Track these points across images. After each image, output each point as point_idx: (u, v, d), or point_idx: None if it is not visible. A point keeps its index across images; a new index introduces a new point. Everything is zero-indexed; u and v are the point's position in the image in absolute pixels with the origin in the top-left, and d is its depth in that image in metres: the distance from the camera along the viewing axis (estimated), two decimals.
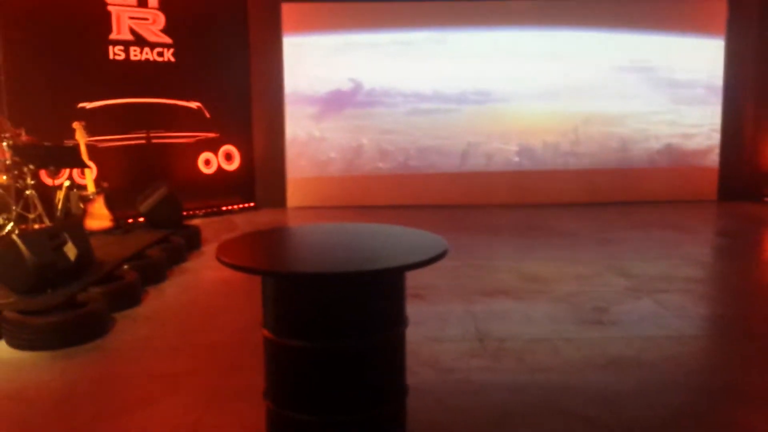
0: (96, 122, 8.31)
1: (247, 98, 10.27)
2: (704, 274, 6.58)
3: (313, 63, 10.40)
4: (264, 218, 9.69)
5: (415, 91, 10.53)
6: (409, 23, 10.41)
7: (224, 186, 10.11)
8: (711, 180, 10.65)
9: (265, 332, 2.82)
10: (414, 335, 3.66)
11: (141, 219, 7.97)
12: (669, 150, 10.65)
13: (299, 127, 10.49)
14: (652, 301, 5.44)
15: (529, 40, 10.46)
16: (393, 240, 3.16)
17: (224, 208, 10.08)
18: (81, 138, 7.39)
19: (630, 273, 6.29)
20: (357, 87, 10.47)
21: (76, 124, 7.45)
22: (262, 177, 10.52)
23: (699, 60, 10.53)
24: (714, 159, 10.66)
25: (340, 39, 10.40)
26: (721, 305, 5.64)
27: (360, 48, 10.44)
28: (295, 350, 2.71)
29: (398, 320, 2.87)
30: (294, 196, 10.60)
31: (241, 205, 10.27)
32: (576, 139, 10.61)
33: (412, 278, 3.03)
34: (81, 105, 8.59)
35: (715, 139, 10.63)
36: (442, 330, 4.79)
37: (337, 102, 10.50)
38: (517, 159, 10.60)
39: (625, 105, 10.57)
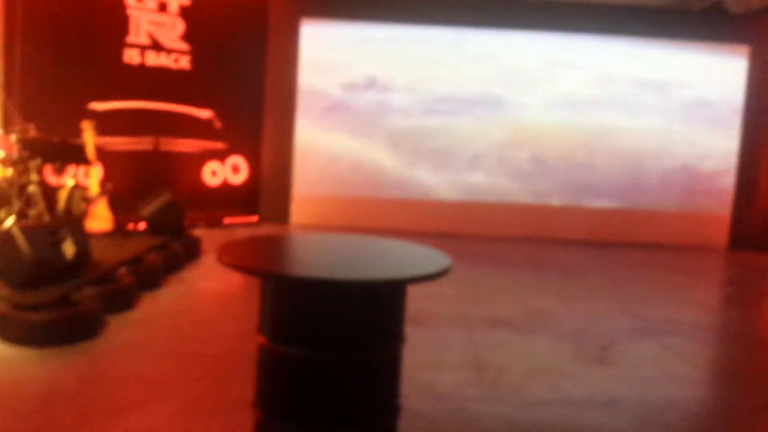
0: (105, 124, 8.26)
1: (259, 110, 10.21)
2: (711, 320, 6.46)
3: (329, 56, 10.31)
4: (266, 233, 9.59)
5: (430, 91, 10.40)
6: (429, 20, 10.31)
7: (229, 198, 10.01)
8: (722, 228, 10.53)
9: (260, 338, 2.72)
10: (410, 360, 3.54)
11: (142, 224, 7.88)
12: (684, 168, 10.47)
13: (311, 124, 10.38)
14: (657, 343, 5.32)
15: (550, 45, 10.37)
16: (398, 253, 3.08)
17: (226, 221, 9.99)
18: (89, 138, 7.32)
19: (636, 314, 6.18)
20: (371, 82, 10.37)
21: (85, 124, 7.41)
22: (268, 191, 10.43)
23: (720, 81, 10.38)
24: (729, 182, 10.46)
25: (357, 31, 10.31)
26: (726, 352, 5.52)
27: (377, 42, 10.33)
28: (289, 358, 2.60)
29: (396, 335, 2.77)
30: (298, 213, 10.51)
31: (244, 219, 10.18)
32: (590, 151, 10.49)
33: (411, 304, 2.93)
34: (92, 105, 8.55)
35: (730, 162, 10.46)
36: (440, 357, 4.68)
37: (349, 98, 10.38)
38: (527, 167, 10.46)
39: (641, 121, 10.42)
